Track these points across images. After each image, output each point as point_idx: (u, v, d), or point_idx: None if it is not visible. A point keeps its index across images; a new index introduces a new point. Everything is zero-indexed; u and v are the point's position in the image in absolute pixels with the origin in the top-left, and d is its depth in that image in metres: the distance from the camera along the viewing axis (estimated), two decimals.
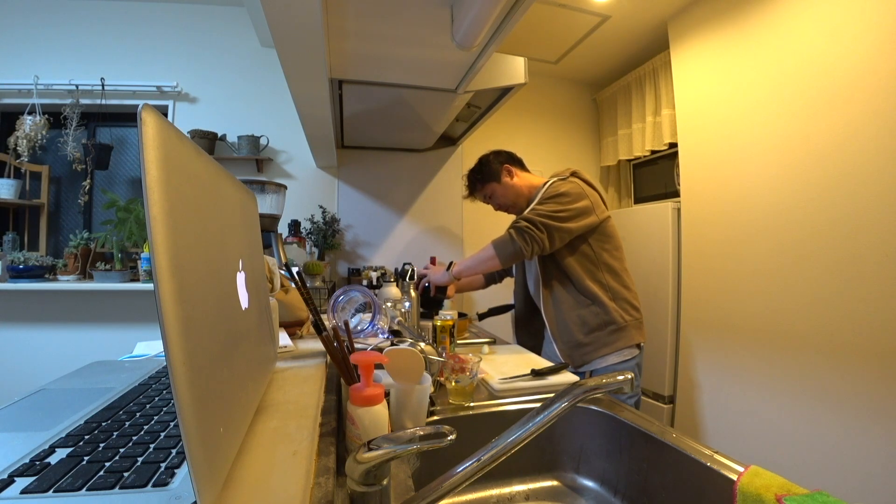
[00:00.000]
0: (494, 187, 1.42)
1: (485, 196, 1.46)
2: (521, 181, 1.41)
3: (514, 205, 1.42)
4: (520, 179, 1.41)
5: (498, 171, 1.40)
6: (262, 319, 0.60)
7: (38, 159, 2.24)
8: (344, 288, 1.09)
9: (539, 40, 2.45)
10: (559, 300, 1.31)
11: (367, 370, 0.53)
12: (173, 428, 0.45)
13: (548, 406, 0.45)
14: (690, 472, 0.64)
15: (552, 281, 1.32)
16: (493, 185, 1.42)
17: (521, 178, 1.42)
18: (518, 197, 1.41)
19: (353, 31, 1.17)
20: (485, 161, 1.44)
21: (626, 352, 1.26)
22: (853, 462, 1.36)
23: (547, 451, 0.85)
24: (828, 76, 1.45)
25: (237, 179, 0.57)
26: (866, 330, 1.33)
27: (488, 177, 1.42)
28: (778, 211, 1.63)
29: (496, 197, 1.43)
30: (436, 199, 2.68)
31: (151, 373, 0.68)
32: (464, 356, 0.88)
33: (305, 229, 2.37)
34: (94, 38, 2.26)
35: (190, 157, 0.35)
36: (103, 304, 2.20)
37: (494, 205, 1.48)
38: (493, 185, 1.42)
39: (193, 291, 0.31)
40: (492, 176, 1.41)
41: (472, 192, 1.49)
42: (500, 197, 1.42)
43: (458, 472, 0.42)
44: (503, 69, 1.57)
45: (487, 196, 1.45)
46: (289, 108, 1.82)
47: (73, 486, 0.33)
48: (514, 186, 1.40)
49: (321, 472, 0.43)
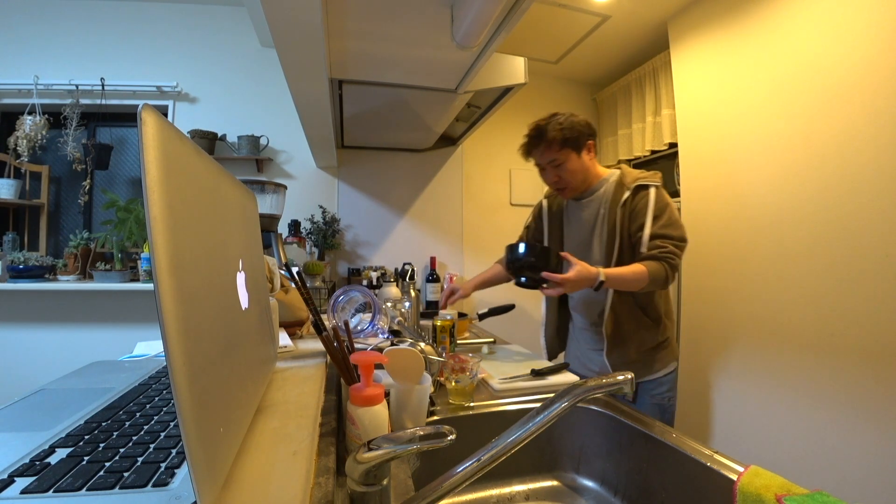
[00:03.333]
0: (571, 156, 1.21)
1: (552, 161, 1.22)
2: (592, 165, 1.26)
3: (572, 184, 1.24)
4: (591, 162, 1.25)
5: (584, 143, 1.22)
6: (262, 319, 0.60)
7: (38, 159, 2.24)
8: (344, 288, 1.09)
9: (539, 40, 2.45)
10: (623, 318, 1.22)
11: (367, 370, 0.53)
12: (173, 428, 0.45)
13: (548, 406, 0.45)
14: (690, 472, 0.64)
15: (620, 298, 1.21)
16: (572, 154, 1.21)
17: (593, 162, 1.26)
18: (583, 179, 1.25)
19: (353, 31, 1.17)
20: (578, 126, 1.21)
21: (670, 365, 1.25)
22: (853, 462, 1.36)
23: (547, 451, 0.85)
24: (828, 76, 1.45)
25: (237, 179, 0.57)
26: (866, 329, 1.33)
27: (573, 143, 1.20)
28: (778, 210, 1.63)
29: (564, 168, 1.21)
30: (436, 199, 2.68)
31: (151, 373, 0.68)
32: (464, 356, 0.88)
33: (305, 229, 2.36)
34: (94, 38, 2.26)
35: (190, 157, 0.35)
36: (103, 304, 2.20)
37: (552, 175, 1.24)
38: (571, 153, 1.21)
39: (193, 291, 0.31)
40: (577, 144, 1.20)
41: (543, 150, 1.22)
42: (568, 170, 1.22)
43: (458, 472, 0.42)
44: (503, 69, 1.57)
45: (555, 162, 1.22)
46: (289, 108, 1.82)
47: (73, 486, 0.33)
48: (585, 166, 1.24)
49: (321, 472, 0.43)
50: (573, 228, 1.34)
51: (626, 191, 1.19)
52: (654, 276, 1.09)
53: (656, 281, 1.10)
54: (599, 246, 1.24)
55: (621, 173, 1.24)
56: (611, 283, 1.09)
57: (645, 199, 1.16)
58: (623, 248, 1.19)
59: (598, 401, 0.85)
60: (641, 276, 1.09)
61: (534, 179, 2.94)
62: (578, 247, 1.30)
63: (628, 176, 1.22)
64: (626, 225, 1.18)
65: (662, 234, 1.13)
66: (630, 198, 1.18)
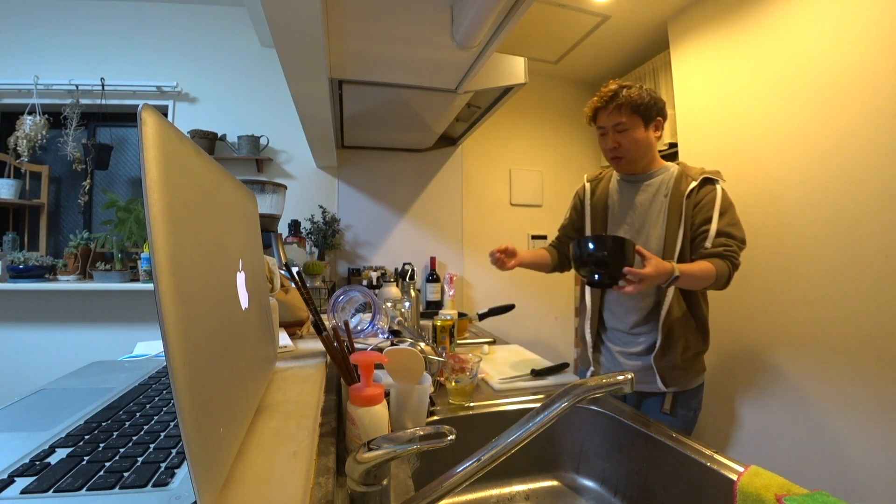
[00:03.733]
0: (638, 126, 1.14)
1: (617, 125, 1.14)
2: (654, 146, 1.19)
3: (631, 154, 1.16)
4: (655, 141, 1.18)
5: (654, 117, 1.15)
6: (262, 319, 0.60)
7: (38, 159, 2.24)
8: (344, 288, 1.09)
9: (539, 40, 2.45)
10: (676, 320, 1.14)
11: (367, 370, 0.53)
12: (173, 428, 0.45)
13: (548, 406, 0.45)
14: (690, 472, 0.64)
15: (677, 297, 1.15)
16: (640, 124, 1.13)
17: (656, 143, 1.19)
18: (643, 155, 1.17)
19: (353, 31, 1.17)
20: (653, 99, 1.14)
21: (702, 375, 1.20)
22: (853, 462, 1.36)
23: (547, 451, 0.85)
24: (828, 76, 1.45)
25: (237, 179, 0.57)
26: (865, 329, 1.33)
27: (643, 112, 1.13)
28: (777, 210, 1.63)
29: (628, 135, 1.14)
30: (436, 199, 2.68)
31: (151, 373, 0.68)
32: (464, 356, 0.88)
33: (305, 229, 2.36)
34: (94, 38, 2.26)
35: (190, 157, 0.35)
36: (103, 304, 2.20)
37: (613, 141, 1.16)
38: (639, 123, 1.13)
39: (193, 291, 0.31)
40: (647, 115, 1.14)
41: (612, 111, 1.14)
42: (631, 139, 1.14)
43: (458, 472, 0.42)
44: (503, 69, 1.57)
45: (621, 127, 1.14)
46: (289, 108, 1.82)
47: (73, 486, 0.33)
48: (649, 142, 1.16)
49: (321, 472, 0.43)
50: (622, 211, 1.24)
51: (691, 181, 1.13)
52: (720, 275, 1.04)
53: (720, 280, 1.05)
54: (657, 235, 1.16)
55: (684, 166, 1.18)
56: (683, 280, 1.00)
57: (712, 193, 1.11)
58: (685, 242, 1.12)
59: (598, 401, 0.85)
60: (709, 274, 1.03)
61: (534, 179, 2.96)
62: (627, 232, 1.23)
63: (692, 168, 1.17)
64: (691, 217, 1.12)
65: (728, 232, 1.08)
66: (696, 189, 1.12)
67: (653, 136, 1.16)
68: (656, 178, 1.19)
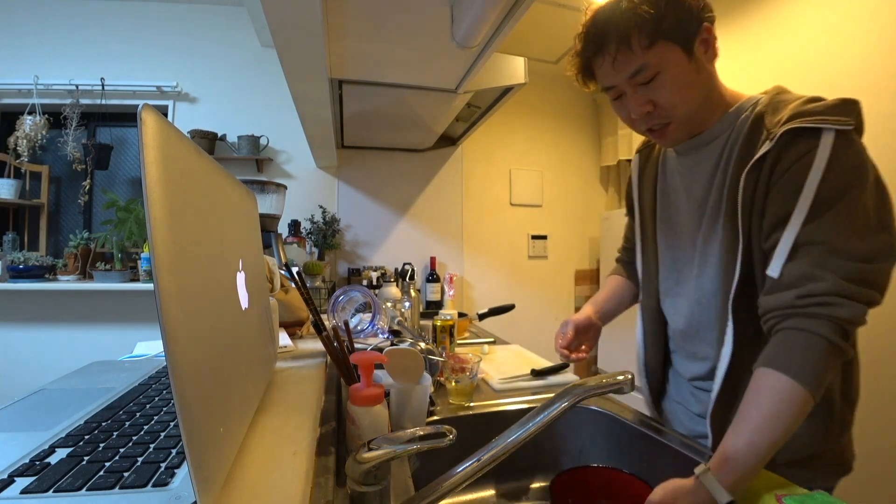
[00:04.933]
0: (674, 56, 0.60)
1: (637, 72, 0.62)
2: (713, 78, 0.66)
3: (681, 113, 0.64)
4: (711, 66, 0.65)
5: (697, 29, 0.61)
6: (262, 319, 0.60)
7: (38, 159, 2.24)
8: (344, 288, 1.09)
9: (539, 40, 2.44)
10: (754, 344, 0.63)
11: (367, 370, 0.53)
12: (173, 428, 0.45)
13: (548, 406, 0.45)
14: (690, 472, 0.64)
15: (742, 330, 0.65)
16: (675, 51, 0.60)
17: (713, 67, 0.65)
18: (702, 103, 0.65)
19: (353, 31, 1.17)
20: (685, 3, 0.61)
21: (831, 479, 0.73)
22: None
23: (547, 451, 0.85)
24: (828, 76, 1.45)
25: (237, 179, 0.57)
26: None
27: (675, 29, 0.60)
28: None
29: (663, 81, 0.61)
30: (436, 199, 2.68)
31: (151, 373, 0.68)
32: (464, 356, 0.88)
33: (305, 229, 2.36)
34: (94, 38, 2.26)
35: (190, 157, 0.35)
36: (103, 304, 2.20)
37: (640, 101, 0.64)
38: (674, 50, 0.60)
39: (193, 291, 0.31)
40: (684, 30, 0.60)
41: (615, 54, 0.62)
42: (672, 85, 0.62)
43: (458, 472, 0.42)
44: (503, 69, 1.57)
45: (644, 75, 0.61)
46: (289, 108, 1.82)
47: (73, 486, 0.33)
48: (705, 74, 0.63)
49: (321, 472, 0.43)
50: (670, 211, 0.78)
51: (765, 133, 0.60)
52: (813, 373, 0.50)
53: (821, 372, 0.51)
54: (714, 260, 0.68)
55: (769, 100, 0.63)
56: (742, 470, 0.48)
57: (808, 156, 0.55)
58: (752, 255, 0.61)
59: (598, 401, 0.85)
60: (784, 412, 0.49)
61: (534, 179, 2.95)
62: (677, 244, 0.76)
63: (781, 104, 0.61)
64: (759, 206, 0.60)
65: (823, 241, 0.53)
66: (775, 151, 0.57)
67: (704, 63, 0.63)
68: (719, 135, 0.67)
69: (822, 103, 0.57)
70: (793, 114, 0.58)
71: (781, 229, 0.56)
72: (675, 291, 0.76)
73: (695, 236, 0.72)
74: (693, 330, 0.73)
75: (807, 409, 0.50)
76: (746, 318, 0.62)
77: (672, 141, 0.70)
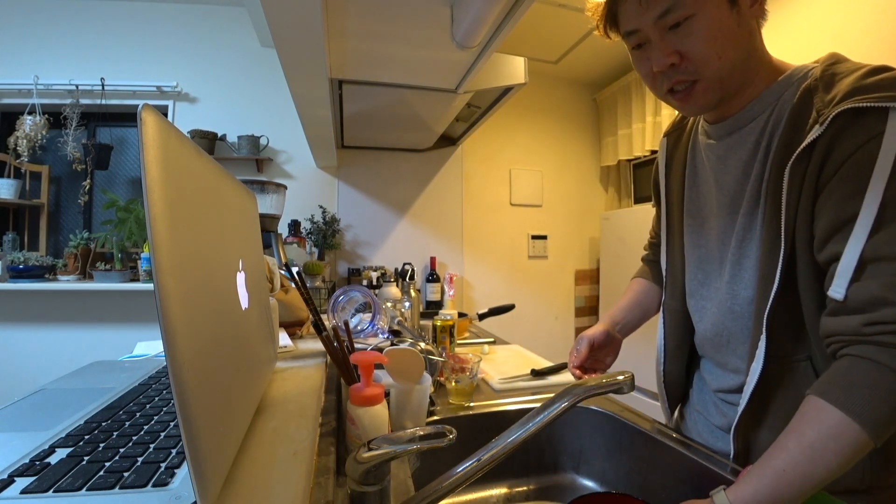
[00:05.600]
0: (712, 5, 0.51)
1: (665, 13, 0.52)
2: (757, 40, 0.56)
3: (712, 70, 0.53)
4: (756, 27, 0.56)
5: None
6: (262, 319, 0.60)
7: (38, 159, 2.24)
8: (344, 288, 1.09)
9: (539, 40, 2.45)
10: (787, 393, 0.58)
11: (367, 370, 0.53)
12: (173, 428, 0.45)
13: (548, 406, 0.45)
14: (690, 472, 0.64)
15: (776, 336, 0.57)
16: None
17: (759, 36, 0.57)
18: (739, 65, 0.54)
19: (353, 31, 1.17)
20: None
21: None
22: None
23: (547, 451, 0.85)
24: None
25: (237, 179, 0.57)
26: None
27: None
28: None
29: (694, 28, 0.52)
30: (436, 199, 2.68)
31: (151, 373, 0.68)
32: (464, 356, 0.88)
33: (305, 229, 2.37)
34: (94, 38, 2.26)
35: (190, 157, 0.35)
36: (103, 304, 2.20)
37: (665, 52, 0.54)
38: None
39: (193, 291, 0.31)
40: None
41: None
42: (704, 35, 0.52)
43: (458, 472, 0.42)
44: (503, 69, 1.57)
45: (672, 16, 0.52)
46: (289, 108, 1.82)
47: (73, 486, 0.33)
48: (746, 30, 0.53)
49: (321, 472, 0.43)
50: (698, 196, 0.69)
51: (814, 114, 0.50)
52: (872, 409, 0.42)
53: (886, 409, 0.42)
54: (751, 264, 0.59)
55: (822, 71, 0.52)
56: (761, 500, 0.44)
57: (871, 144, 0.45)
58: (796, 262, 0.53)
59: (598, 401, 0.85)
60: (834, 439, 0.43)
61: (534, 179, 2.95)
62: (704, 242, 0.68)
63: (836, 77, 0.51)
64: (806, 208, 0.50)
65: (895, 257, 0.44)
66: (827, 138, 0.47)
67: (748, 17, 0.53)
68: (759, 117, 0.57)
69: (890, 74, 0.47)
70: (850, 89, 0.47)
71: (841, 240, 0.46)
72: (700, 293, 0.69)
73: (725, 236, 0.63)
74: (724, 340, 0.65)
75: (861, 448, 0.42)
76: (782, 334, 0.55)
77: (698, 107, 0.58)
